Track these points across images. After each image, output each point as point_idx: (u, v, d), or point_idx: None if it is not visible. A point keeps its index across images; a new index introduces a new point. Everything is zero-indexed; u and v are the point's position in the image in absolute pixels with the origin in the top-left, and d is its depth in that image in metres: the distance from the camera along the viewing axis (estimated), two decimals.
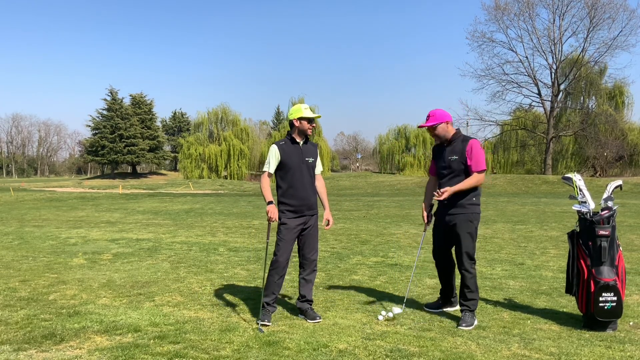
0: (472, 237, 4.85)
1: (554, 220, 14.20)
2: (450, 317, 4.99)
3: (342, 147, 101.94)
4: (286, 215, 4.83)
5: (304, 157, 4.88)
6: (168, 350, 4.07)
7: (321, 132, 58.83)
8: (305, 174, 4.88)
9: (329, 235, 11.16)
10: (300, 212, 4.85)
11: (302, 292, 4.98)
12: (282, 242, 4.84)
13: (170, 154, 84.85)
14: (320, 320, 4.81)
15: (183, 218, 15.85)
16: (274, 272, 4.87)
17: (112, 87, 77.43)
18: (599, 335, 4.43)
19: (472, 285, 4.84)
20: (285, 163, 4.83)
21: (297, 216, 4.85)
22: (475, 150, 4.84)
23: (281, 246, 4.84)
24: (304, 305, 4.96)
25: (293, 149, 4.87)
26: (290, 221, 4.83)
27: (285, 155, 4.83)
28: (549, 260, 8.04)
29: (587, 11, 46.27)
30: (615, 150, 48.60)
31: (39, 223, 14.46)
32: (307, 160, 4.90)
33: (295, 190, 4.83)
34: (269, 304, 4.85)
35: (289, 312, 5.17)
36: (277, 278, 4.87)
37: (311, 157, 4.94)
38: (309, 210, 4.90)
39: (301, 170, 4.86)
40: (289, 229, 4.83)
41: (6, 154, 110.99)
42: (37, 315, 5.05)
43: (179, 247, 9.64)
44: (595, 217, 4.61)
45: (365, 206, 20.58)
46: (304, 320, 4.86)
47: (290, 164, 4.83)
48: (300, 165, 4.85)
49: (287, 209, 4.84)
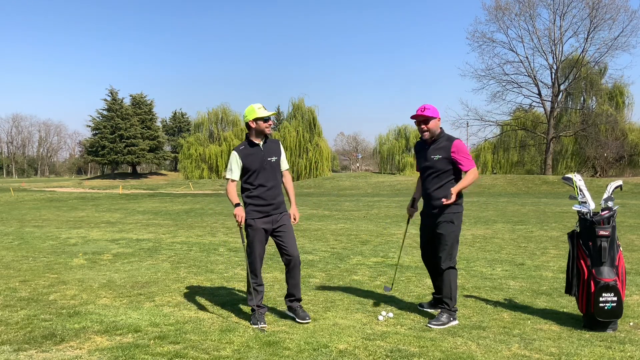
0: (453, 237, 4.85)
1: (554, 220, 14.20)
2: None
3: (342, 147, 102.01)
4: (252, 216, 4.80)
5: (265, 157, 4.84)
6: (168, 350, 4.07)
7: (321, 132, 58.78)
8: (270, 174, 4.85)
9: (329, 236, 11.17)
10: (266, 212, 4.82)
11: (290, 290, 4.95)
12: (252, 244, 4.84)
13: (171, 154, 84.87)
14: (310, 321, 4.79)
15: (183, 218, 15.85)
16: (252, 274, 4.87)
17: (112, 88, 77.68)
18: (599, 335, 4.42)
19: (450, 285, 4.82)
20: (247, 167, 4.81)
21: (263, 216, 4.82)
22: (463, 150, 4.86)
23: (252, 247, 4.85)
24: (293, 304, 4.94)
25: (253, 152, 4.84)
26: (256, 222, 4.80)
27: (246, 160, 4.80)
28: (549, 260, 8.03)
29: (588, 11, 46.24)
30: (615, 151, 48.57)
31: (39, 223, 14.46)
32: (270, 160, 4.86)
33: (260, 191, 4.81)
34: (259, 306, 4.85)
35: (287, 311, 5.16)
36: (257, 279, 4.89)
37: (274, 155, 4.90)
38: (275, 210, 4.86)
39: (265, 171, 4.83)
40: (255, 229, 4.81)
41: (6, 154, 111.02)
42: (37, 315, 5.05)
43: (179, 247, 9.64)
44: (595, 218, 4.61)
45: (365, 206, 20.57)
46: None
47: (252, 167, 4.80)
48: (263, 167, 4.82)
49: (252, 209, 4.81)
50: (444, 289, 4.84)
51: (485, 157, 58.22)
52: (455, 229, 4.85)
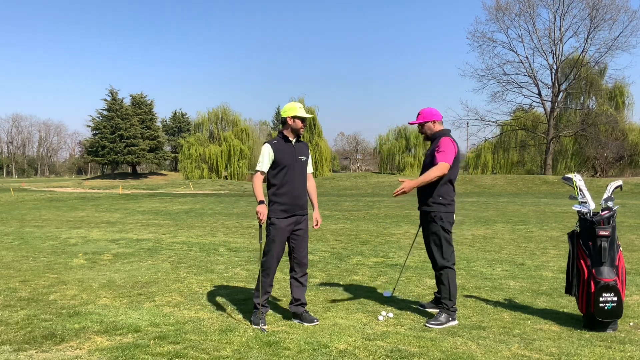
0: (437, 237, 4.85)
1: (554, 220, 14.20)
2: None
3: (342, 147, 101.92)
4: (276, 215, 4.76)
5: (296, 155, 4.83)
6: (168, 350, 4.07)
7: (321, 132, 58.82)
8: (298, 172, 4.83)
9: (329, 236, 11.17)
10: (291, 212, 4.78)
11: (296, 295, 4.88)
12: (272, 243, 4.78)
13: (171, 154, 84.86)
14: (318, 322, 4.77)
15: (183, 218, 15.85)
16: (265, 274, 4.83)
17: (113, 88, 77.64)
18: (599, 335, 4.42)
19: (448, 285, 4.82)
20: (278, 162, 4.77)
21: (288, 216, 4.78)
22: (442, 145, 4.85)
23: (271, 247, 4.78)
24: (298, 309, 4.87)
25: (286, 147, 4.82)
26: (280, 221, 4.76)
27: (278, 154, 4.77)
28: (549, 260, 8.03)
29: (588, 12, 46.30)
30: (615, 151, 48.61)
31: (39, 223, 14.46)
32: (300, 159, 4.85)
33: (288, 188, 4.78)
34: (263, 305, 4.83)
35: (288, 313, 5.16)
36: (269, 279, 4.84)
37: (303, 155, 4.90)
38: (299, 210, 4.83)
39: (294, 169, 4.80)
40: (278, 229, 4.76)
41: (6, 154, 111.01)
42: (37, 315, 5.05)
43: (179, 247, 9.64)
44: (595, 218, 4.61)
45: (365, 206, 20.57)
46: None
47: (283, 162, 4.77)
48: (293, 164, 4.80)
49: (278, 207, 4.76)
50: (442, 289, 4.85)
51: (485, 157, 58.25)
52: (439, 229, 4.84)
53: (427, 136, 5.09)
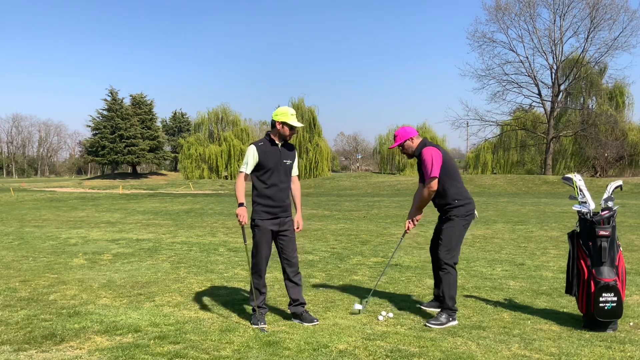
0: (452, 232, 4.92)
1: (554, 220, 14.20)
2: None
3: (342, 147, 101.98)
4: (260, 216, 4.77)
5: (282, 159, 4.83)
6: (168, 350, 4.07)
7: (321, 132, 58.79)
8: (282, 175, 4.83)
9: (329, 236, 11.17)
10: (274, 214, 4.79)
11: (293, 295, 4.89)
12: (258, 245, 4.81)
13: (171, 154, 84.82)
14: (318, 322, 4.78)
15: (183, 218, 15.85)
16: (257, 275, 4.86)
17: (113, 88, 77.52)
18: (599, 335, 4.42)
19: (449, 286, 4.84)
20: (263, 164, 4.77)
21: (271, 217, 4.79)
22: (424, 159, 4.93)
23: (258, 249, 4.82)
24: (297, 309, 4.87)
25: (272, 150, 4.81)
26: (264, 222, 4.77)
27: (263, 156, 4.76)
28: (549, 260, 8.03)
29: (588, 12, 46.26)
30: (615, 151, 48.59)
31: (39, 223, 14.46)
32: (285, 162, 4.85)
33: (271, 192, 4.78)
34: (261, 307, 4.84)
35: (288, 313, 5.16)
36: (261, 280, 4.87)
37: (289, 159, 4.89)
38: (283, 213, 4.83)
39: (278, 172, 4.80)
40: (262, 230, 4.78)
41: (6, 154, 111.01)
42: (37, 315, 5.05)
43: (179, 247, 9.64)
44: (595, 218, 4.61)
45: (365, 206, 20.57)
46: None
47: (268, 165, 4.77)
48: (278, 167, 4.80)
49: (261, 209, 4.77)
50: (444, 289, 4.85)
51: (485, 157, 58.23)
52: (455, 225, 4.91)
53: (410, 154, 5.15)
